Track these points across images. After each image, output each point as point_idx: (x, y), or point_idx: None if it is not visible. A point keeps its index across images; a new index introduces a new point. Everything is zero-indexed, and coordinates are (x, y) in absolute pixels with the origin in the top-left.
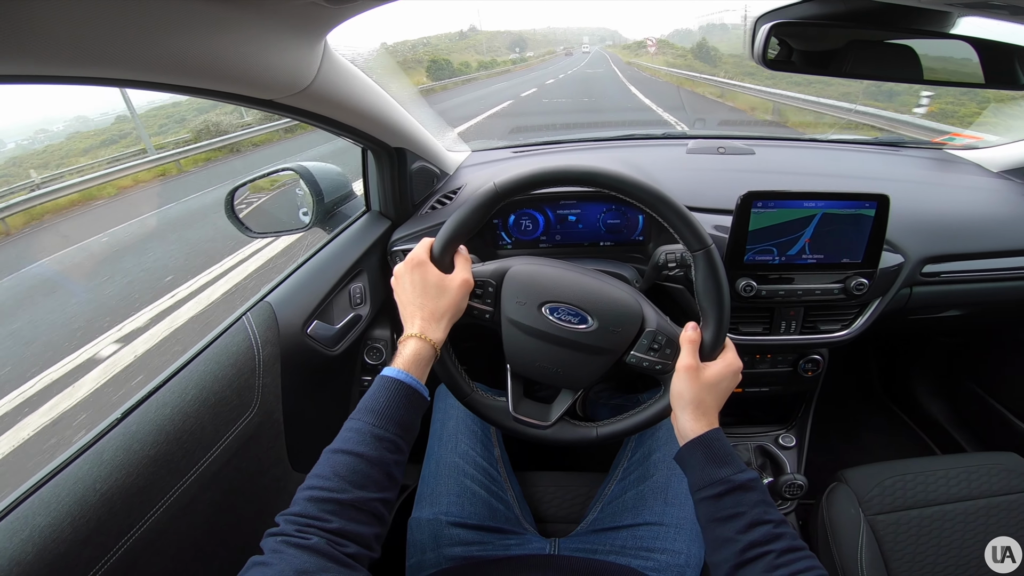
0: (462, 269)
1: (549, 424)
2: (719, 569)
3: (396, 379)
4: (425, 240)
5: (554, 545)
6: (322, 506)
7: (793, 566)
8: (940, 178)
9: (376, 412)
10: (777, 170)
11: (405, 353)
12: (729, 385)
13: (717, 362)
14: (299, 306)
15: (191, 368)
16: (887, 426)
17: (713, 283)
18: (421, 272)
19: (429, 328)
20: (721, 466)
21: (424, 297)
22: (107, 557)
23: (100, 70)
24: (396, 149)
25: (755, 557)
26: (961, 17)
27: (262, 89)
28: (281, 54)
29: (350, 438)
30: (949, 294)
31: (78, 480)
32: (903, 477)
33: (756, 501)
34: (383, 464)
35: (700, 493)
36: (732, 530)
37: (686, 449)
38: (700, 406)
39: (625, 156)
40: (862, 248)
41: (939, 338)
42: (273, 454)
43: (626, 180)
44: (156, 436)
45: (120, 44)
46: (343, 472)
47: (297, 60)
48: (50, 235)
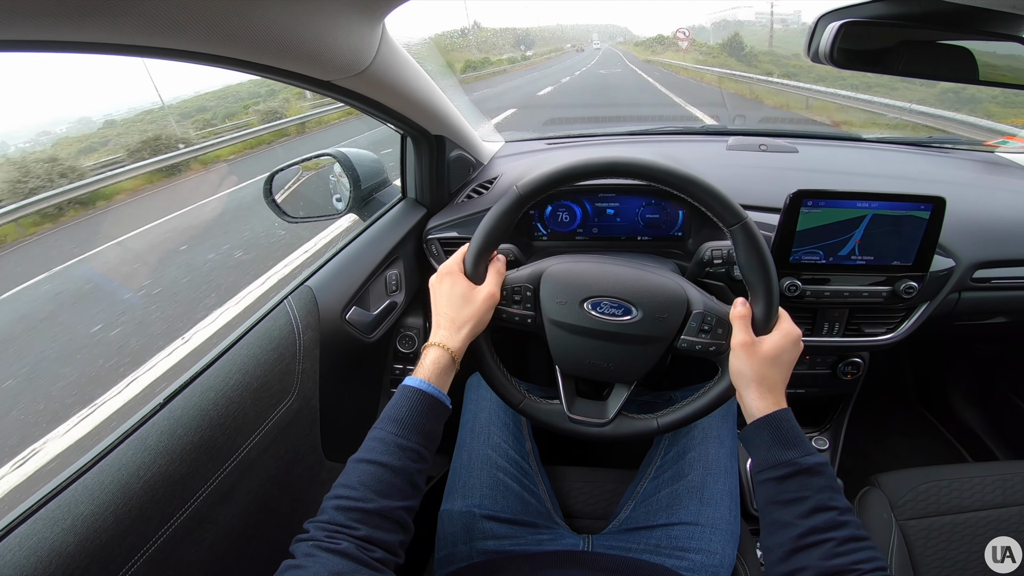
0: (491, 282)
1: (608, 421)
2: (772, 553)
3: (418, 389)
4: (460, 250)
5: (587, 542)
6: (349, 515)
7: (853, 556)
8: (992, 181)
9: (398, 422)
10: (823, 169)
11: (426, 363)
12: (791, 356)
13: (773, 334)
14: (338, 291)
15: (234, 351)
16: (919, 431)
17: (756, 254)
18: (450, 282)
19: (449, 337)
20: (788, 448)
21: (449, 307)
22: (147, 547)
23: (162, 40)
24: (436, 137)
25: (814, 543)
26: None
27: (323, 69)
28: (344, 34)
29: (374, 448)
30: (998, 300)
31: (122, 466)
32: (937, 483)
33: (822, 486)
34: (406, 473)
35: (763, 474)
36: (792, 514)
37: (752, 428)
38: (764, 382)
39: (663, 150)
40: (913, 251)
41: (978, 344)
42: (308, 442)
43: (651, 165)
44: (200, 421)
45: (186, 13)
46: (368, 482)
47: (358, 41)
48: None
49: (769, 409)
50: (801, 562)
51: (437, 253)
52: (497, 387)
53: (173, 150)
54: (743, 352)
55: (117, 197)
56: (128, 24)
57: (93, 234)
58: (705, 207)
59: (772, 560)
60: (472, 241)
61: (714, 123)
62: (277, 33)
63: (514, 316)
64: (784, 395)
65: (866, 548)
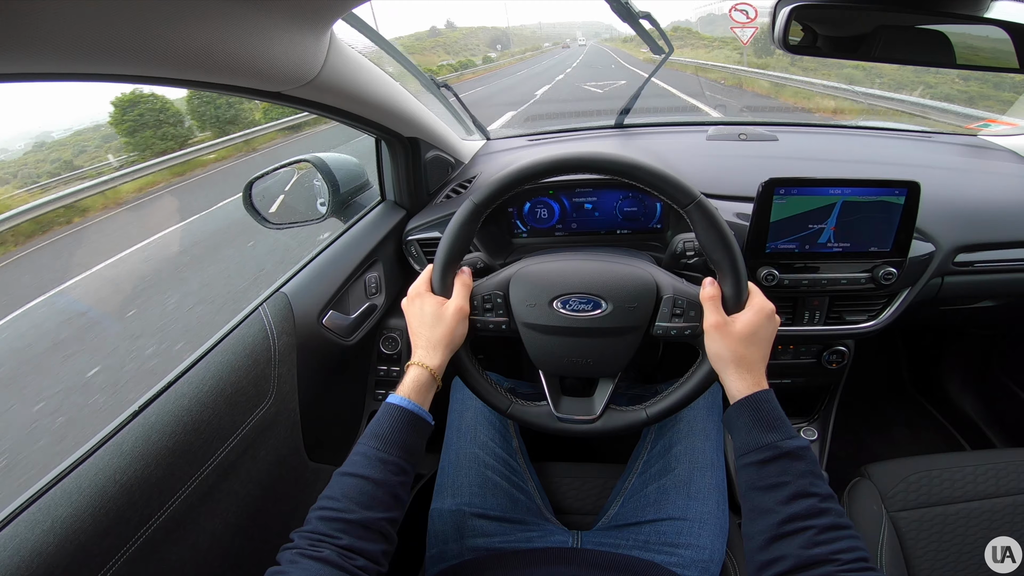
0: (458, 296)
1: (596, 417)
2: (752, 541)
3: (399, 406)
4: (426, 270)
5: (577, 538)
6: (332, 525)
7: (834, 545)
8: (973, 165)
9: (380, 437)
10: (801, 156)
11: (406, 381)
12: (768, 332)
13: (745, 312)
14: (314, 296)
15: (208, 359)
16: (915, 420)
17: (715, 231)
18: (419, 302)
19: (427, 356)
20: (769, 431)
21: (422, 327)
22: (127, 547)
23: (104, 66)
24: (410, 139)
25: (794, 531)
26: (995, 1)
27: (269, 81)
28: (286, 46)
29: (357, 462)
30: (982, 284)
31: (99, 471)
32: (928, 473)
33: (803, 471)
34: (388, 486)
35: (744, 459)
36: (773, 500)
37: (733, 410)
38: (742, 363)
39: (643, 143)
40: (891, 236)
41: (972, 330)
42: (290, 444)
43: (597, 157)
44: (174, 427)
45: (124, 39)
46: (351, 494)
47: (303, 51)
48: None
49: (750, 390)
50: (781, 550)
51: (417, 254)
52: (483, 395)
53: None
54: (716, 333)
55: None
56: (56, 50)
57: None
58: (657, 191)
59: (753, 547)
60: (436, 258)
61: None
62: (213, 50)
63: (488, 324)
64: (764, 374)
65: (847, 537)
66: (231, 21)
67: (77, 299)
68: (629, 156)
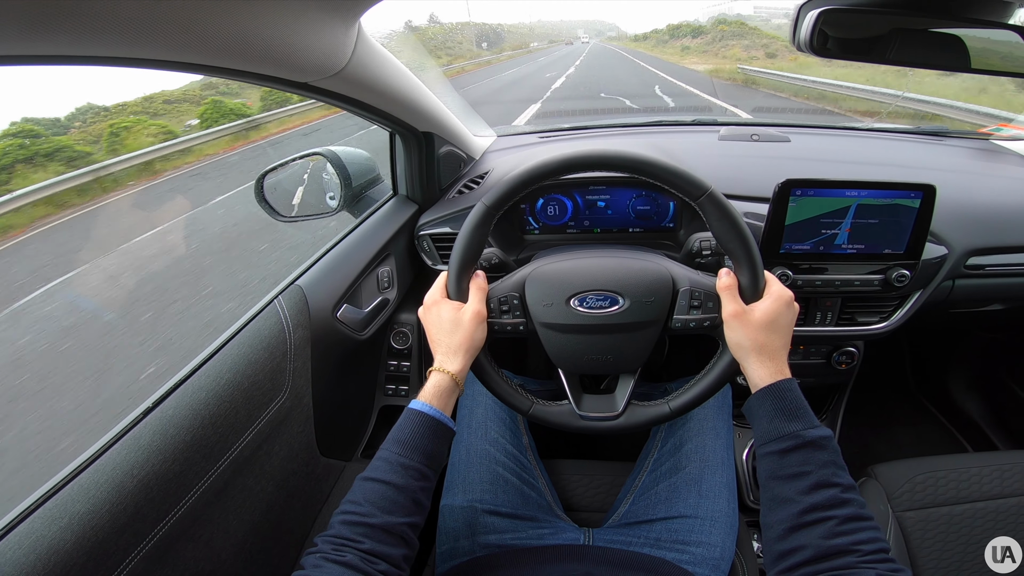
0: (474, 300)
1: (619, 413)
2: (771, 530)
3: (420, 411)
4: (441, 277)
5: (588, 536)
6: (354, 529)
7: (854, 536)
8: (986, 168)
9: (402, 443)
10: (814, 158)
11: (428, 387)
12: (787, 319)
13: (763, 300)
14: (329, 290)
15: (225, 352)
16: (919, 420)
17: (728, 222)
18: (437, 310)
19: (447, 361)
20: (791, 420)
21: (441, 333)
22: (143, 544)
23: (131, 50)
24: (424, 133)
25: (814, 521)
26: (1022, 7)
27: (298, 71)
28: (317, 36)
29: (379, 467)
30: (993, 288)
31: (116, 466)
32: (934, 474)
33: (825, 461)
34: (409, 491)
35: (765, 447)
36: (794, 490)
37: (755, 399)
38: (763, 351)
39: (654, 142)
40: (905, 239)
41: (978, 332)
42: (302, 439)
43: (609, 154)
44: (192, 420)
45: (154, 23)
46: (373, 498)
47: (333, 42)
48: None
49: (772, 378)
50: (801, 540)
51: (429, 249)
52: (504, 398)
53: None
54: (736, 323)
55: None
56: (94, 34)
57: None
58: (669, 186)
59: (772, 537)
60: (450, 263)
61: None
62: (248, 38)
63: (506, 326)
64: (787, 362)
65: (868, 528)
66: (269, 8)
67: None
68: (639, 152)
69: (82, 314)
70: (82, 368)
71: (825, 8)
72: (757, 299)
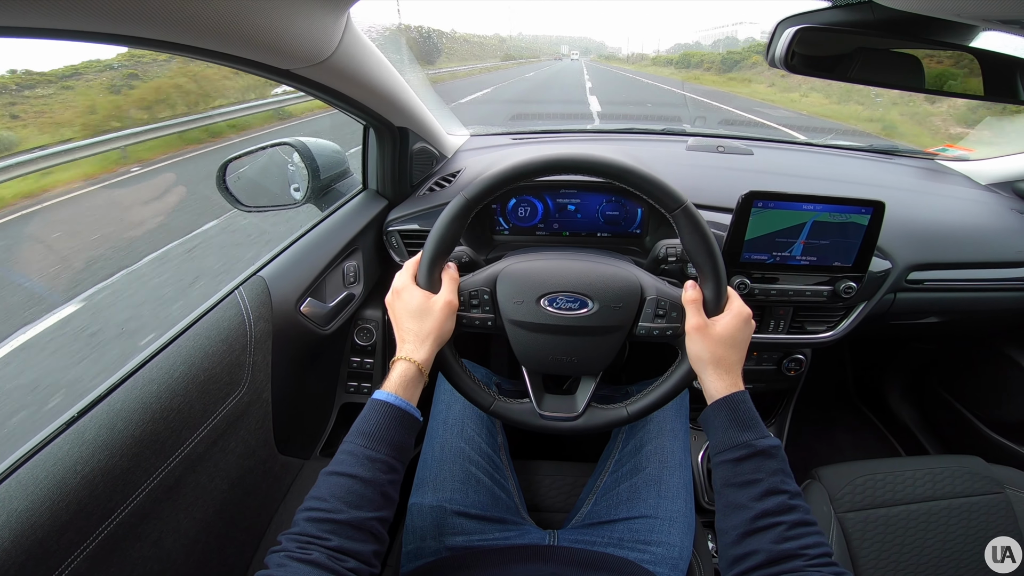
0: (446, 290)
1: (578, 414)
2: (726, 536)
3: (386, 402)
4: (410, 263)
5: (553, 536)
6: (320, 526)
7: (801, 540)
8: (930, 187)
9: (367, 435)
10: (775, 171)
11: (393, 376)
12: (744, 335)
13: (724, 315)
14: (293, 282)
15: (180, 343)
16: (858, 426)
17: (699, 236)
18: (407, 296)
19: (415, 351)
20: (744, 430)
21: (410, 320)
22: (88, 543)
23: (115, 26)
24: (400, 128)
25: (765, 527)
26: (985, 31)
27: (281, 57)
28: (307, 23)
29: (344, 460)
30: (930, 301)
31: (58, 461)
32: (872, 476)
33: (775, 469)
34: (377, 484)
35: (720, 456)
36: (747, 496)
37: (711, 410)
38: (720, 364)
39: (625, 148)
40: (854, 252)
41: (914, 343)
42: (260, 436)
43: (590, 159)
44: (142, 415)
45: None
46: (339, 493)
47: (321, 30)
48: None
49: (728, 390)
50: (753, 545)
51: (397, 245)
52: (467, 393)
53: None
54: (697, 335)
55: None
56: (75, 9)
57: None
58: (646, 195)
59: (726, 542)
60: (424, 251)
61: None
62: (236, 21)
63: (474, 320)
64: (741, 376)
65: (813, 533)
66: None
67: None
68: (621, 159)
69: None
70: None
71: (802, 26)
72: (719, 313)
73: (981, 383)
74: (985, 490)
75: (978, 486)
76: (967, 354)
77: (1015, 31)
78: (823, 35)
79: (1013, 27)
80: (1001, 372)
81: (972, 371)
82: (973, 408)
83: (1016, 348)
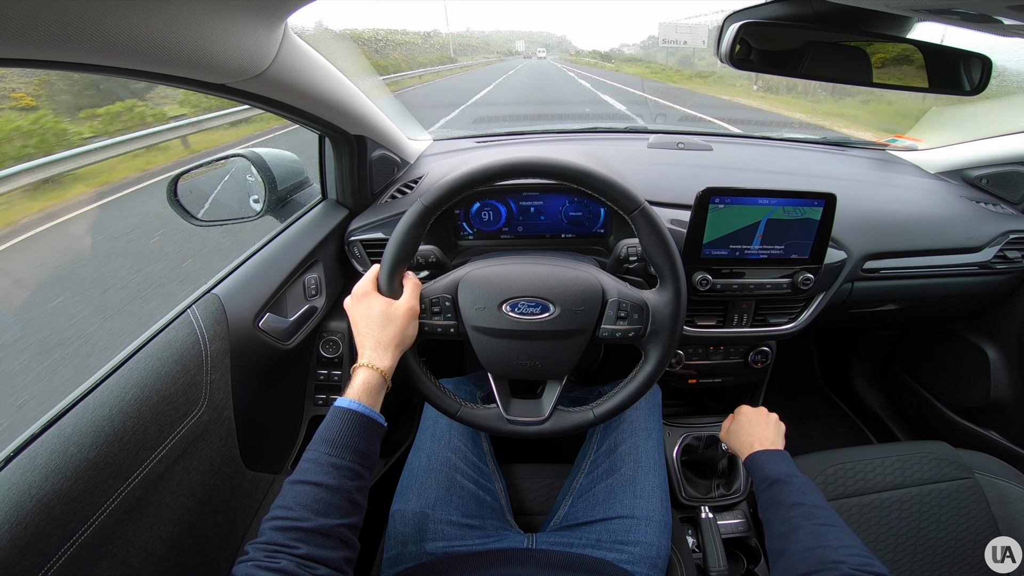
0: (409, 296)
1: (545, 418)
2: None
3: (348, 408)
4: (372, 269)
5: (531, 539)
6: (287, 534)
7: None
8: (882, 178)
9: (331, 442)
10: (734, 167)
11: (356, 383)
12: (768, 420)
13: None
14: (250, 298)
15: (131, 365)
16: (828, 415)
17: (657, 237)
18: (367, 302)
19: (376, 357)
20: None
21: (370, 327)
22: (50, 564)
23: (35, 51)
24: (356, 137)
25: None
26: (919, 22)
27: (214, 73)
28: (237, 37)
29: (308, 468)
30: (886, 289)
31: (11, 486)
32: (843, 465)
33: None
34: (343, 491)
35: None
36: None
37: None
38: (761, 444)
39: (588, 148)
40: (809, 245)
41: (876, 331)
42: (225, 453)
43: (546, 163)
44: (94, 438)
45: (67, 23)
46: (305, 501)
47: (254, 44)
48: None
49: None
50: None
51: (360, 255)
52: (432, 399)
53: None
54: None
55: None
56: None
57: None
58: (604, 197)
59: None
60: (384, 258)
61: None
62: (160, 39)
63: (436, 328)
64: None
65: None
66: (184, 8)
67: None
68: (579, 162)
69: None
70: None
71: (747, 22)
72: (674, 314)
73: (942, 368)
74: (954, 476)
75: (946, 472)
76: (926, 339)
77: (951, 21)
78: (769, 30)
79: (945, 17)
80: (960, 356)
81: (932, 356)
82: (937, 393)
83: (972, 331)
